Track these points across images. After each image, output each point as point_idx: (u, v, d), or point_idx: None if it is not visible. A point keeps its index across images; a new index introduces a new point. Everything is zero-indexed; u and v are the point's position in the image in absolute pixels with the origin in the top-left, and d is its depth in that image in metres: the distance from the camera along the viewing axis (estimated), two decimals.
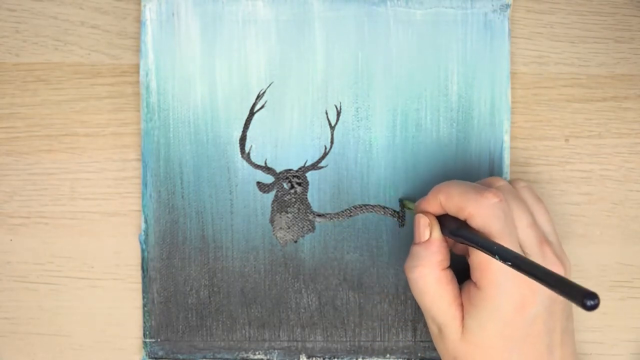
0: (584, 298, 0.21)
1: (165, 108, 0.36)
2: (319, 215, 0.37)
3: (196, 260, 0.37)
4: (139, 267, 0.37)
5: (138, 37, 0.37)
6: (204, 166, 0.36)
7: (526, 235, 0.30)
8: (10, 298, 0.37)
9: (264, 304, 0.37)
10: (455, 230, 0.30)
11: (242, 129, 0.36)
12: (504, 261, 0.26)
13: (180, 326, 0.37)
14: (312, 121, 0.37)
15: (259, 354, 0.37)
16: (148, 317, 0.37)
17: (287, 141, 0.37)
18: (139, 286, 0.37)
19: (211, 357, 0.37)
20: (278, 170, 0.37)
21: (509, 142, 0.37)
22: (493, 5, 0.36)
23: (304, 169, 0.37)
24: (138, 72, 0.37)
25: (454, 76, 0.37)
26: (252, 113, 0.36)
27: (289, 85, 0.36)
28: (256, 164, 0.37)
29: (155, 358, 0.37)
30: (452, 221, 0.31)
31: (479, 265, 0.30)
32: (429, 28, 0.36)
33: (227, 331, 0.37)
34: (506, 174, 0.37)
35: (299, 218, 0.37)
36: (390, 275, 0.37)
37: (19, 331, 0.37)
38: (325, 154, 0.37)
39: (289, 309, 0.37)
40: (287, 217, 0.37)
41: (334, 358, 0.37)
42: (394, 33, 0.36)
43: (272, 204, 0.37)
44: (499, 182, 0.32)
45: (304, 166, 0.37)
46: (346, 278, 0.37)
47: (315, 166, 0.37)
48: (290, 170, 0.37)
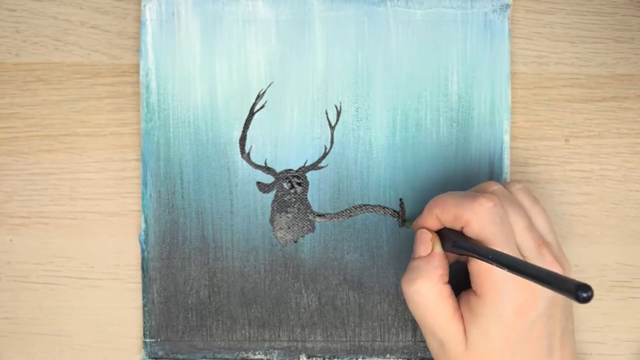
0: (577, 290, 0.22)
1: (165, 108, 0.36)
2: (319, 215, 0.37)
3: (196, 260, 0.37)
4: (139, 267, 0.37)
5: (138, 37, 0.37)
6: (204, 166, 0.36)
7: (523, 238, 0.30)
8: (10, 298, 0.37)
9: (264, 304, 0.37)
10: (453, 242, 0.30)
11: (242, 129, 0.36)
12: (500, 266, 0.27)
13: (180, 326, 0.37)
14: (312, 121, 0.37)
15: (259, 354, 0.37)
16: (148, 317, 0.36)
17: (287, 141, 0.37)
18: (139, 286, 0.37)
19: (211, 357, 0.37)
20: (278, 170, 0.37)
21: (509, 142, 0.37)
22: (493, 5, 0.36)
23: (304, 169, 0.37)
24: (138, 72, 0.37)
25: (454, 76, 0.37)
26: (252, 113, 0.36)
27: (289, 85, 0.36)
28: (256, 164, 0.37)
29: (155, 358, 0.37)
30: (450, 234, 0.31)
31: (479, 272, 0.30)
32: (429, 28, 0.36)
33: (227, 331, 0.37)
34: (506, 174, 0.37)
35: (299, 218, 0.37)
36: (390, 275, 0.37)
37: (19, 331, 0.37)
38: (325, 154, 0.37)
39: (289, 309, 0.37)
40: (287, 217, 0.37)
41: (334, 358, 0.37)
42: (394, 33, 0.36)
43: (272, 204, 0.37)
44: (493, 187, 0.32)
45: (304, 166, 0.37)
46: (346, 278, 0.37)
47: (315, 166, 0.37)
48: (290, 170, 0.37)
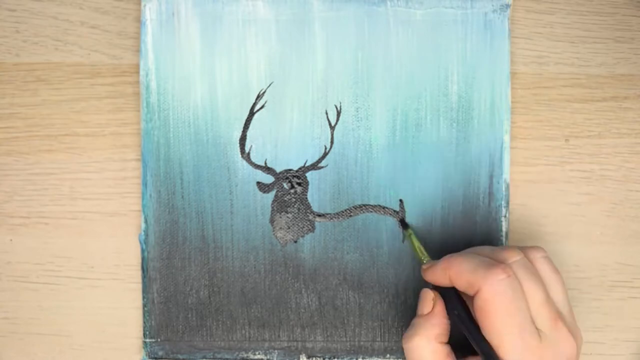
0: None
1: (165, 108, 0.36)
2: (319, 215, 0.37)
3: (196, 260, 0.37)
4: (139, 267, 0.37)
5: (138, 37, 0.37)
6: (204, 166, 0.36)
7: (539, 312, 0.30)
8: (10, 298, 0.37)
9: (264, 304, 0.37)
10: (454, 311, 0.31)
11: (242, 129, 0.36)
12: (482, 356, 0.30)
13: (180, 326, 0.37)
14: (312, 121, 0.37)
15: (259, 354, 0.37)
16: (148, 317, 0.36)
17: (287, 141, 0.37)
18: (139, 286, 0.37)
19: (211, 357, 0.37)
20: (278, 170, 0.37)
21: (509, 142, 0.37)
22: (493, 5, 0.36)
23: (304, 169, 0.37)
24: (138, 72, 0.37)
25: (454, 76, 0.37)
26: (252, 113, 0.36)
27: (289, 85, 0.36)
28: (256, 164, 0.37)
29: (155, 358, 0.37)
30: (456, 302, 0.31)
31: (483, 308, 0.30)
32: (429, 28, 0.36)
33: (227, 331, 0.37)
34: (506, 174, 0.37)
35: (299, 218, 0.37)
36: (390, 275, 0.37)
37: (19, 331, 0.37)
38: (325, 154, 0.37)
39: (289, 309, 0.37)
40: (287, 217, 0.37)
41: (334, 358, 0.37)
42: (394, 33, 0.36)
43: (272, 204, 0.37)
44: (514, 257, 0.31)
45: (304, 166, 0.37)
46: (346, 278, 0.37)
47: (315, 166, 0.37)
48: (290, 170, 0.37)
